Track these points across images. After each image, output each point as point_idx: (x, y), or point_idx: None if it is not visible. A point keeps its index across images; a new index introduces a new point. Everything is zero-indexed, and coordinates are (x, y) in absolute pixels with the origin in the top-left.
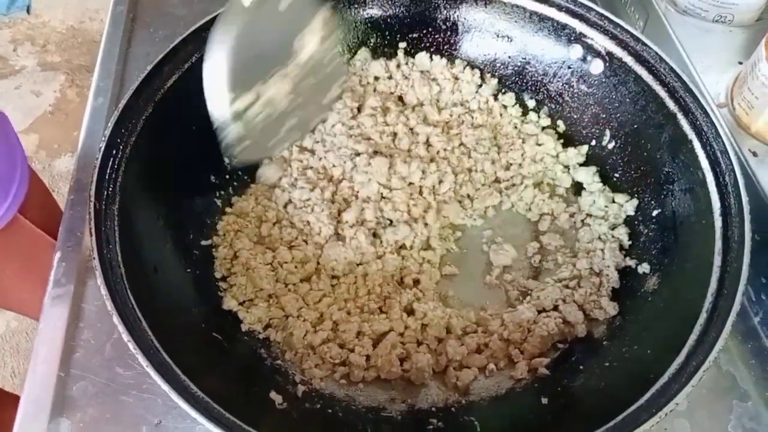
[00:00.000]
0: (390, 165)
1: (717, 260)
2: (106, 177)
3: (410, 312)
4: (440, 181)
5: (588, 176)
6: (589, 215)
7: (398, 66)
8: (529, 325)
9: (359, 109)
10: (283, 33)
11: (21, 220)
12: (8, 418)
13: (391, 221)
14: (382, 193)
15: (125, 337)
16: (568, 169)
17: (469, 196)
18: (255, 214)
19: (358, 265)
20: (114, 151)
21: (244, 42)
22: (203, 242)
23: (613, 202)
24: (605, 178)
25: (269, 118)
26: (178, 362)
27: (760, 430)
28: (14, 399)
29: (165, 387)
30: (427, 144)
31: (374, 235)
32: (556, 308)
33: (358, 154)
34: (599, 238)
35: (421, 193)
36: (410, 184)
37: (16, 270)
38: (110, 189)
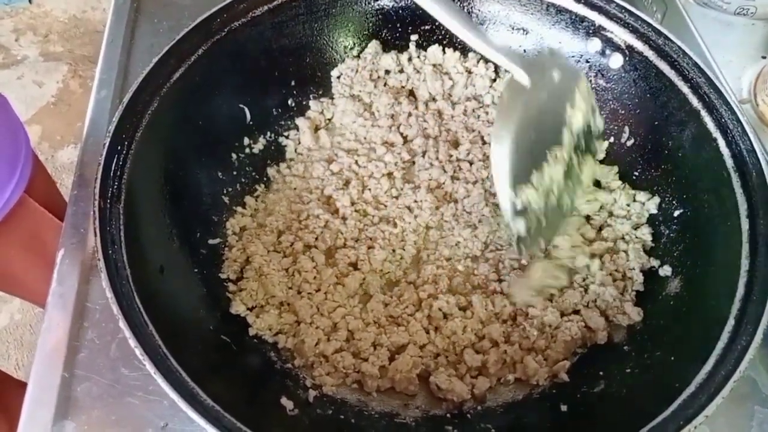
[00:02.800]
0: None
1: (744, 264)
2: (111, 174)
3: (436, 328)
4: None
5: (609, 175)
6: (610, 214)
7: (410, 59)
8: (552, 331)
9: (370, 107)
10: (553, 110)
11: (28, 200)
12: (17, 405)
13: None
14: (409, 206)
15: (132, 343)
16: None
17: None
18: (274, 222)
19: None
20: (119, 148)
21: (524, 128)
22: (210, 241)
23: (635, 200)
24: (624, 177)
25: (551, 202)
26: (186, 367)
27: None
28: (21, 385)
29: (173, 395)
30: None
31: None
32: (577, 312)
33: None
34: (623, 238)
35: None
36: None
37: (22, 251)
38: (115, 187)
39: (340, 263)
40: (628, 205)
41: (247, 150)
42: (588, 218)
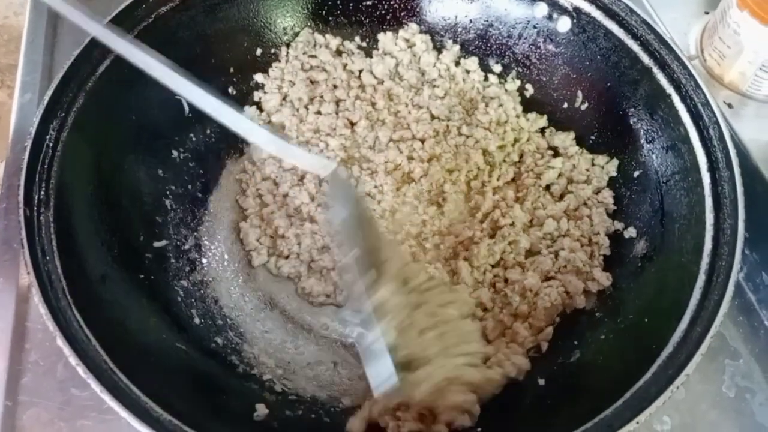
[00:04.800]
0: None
1: (709, 218)
2: (36, 180)
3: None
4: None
5: (566, 141)
6: (570, 181)
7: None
8: (533, 297)
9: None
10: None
11: None
12: None
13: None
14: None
15: (73, 360)
16: (544, 133)
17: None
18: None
19: None
20: (43, 150)
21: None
22: (156, 243)
23: (594, 164)
24: (581, 142)
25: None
26: (137, 382)
27: (753, 387)
28: None
29: (125, 414)
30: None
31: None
32: (550, 278)
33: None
34: (585, 203)
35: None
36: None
37: None
38: (42, 193)
39: None
40: (588, 170)
41: (189, 144)
42: (548, 187)
